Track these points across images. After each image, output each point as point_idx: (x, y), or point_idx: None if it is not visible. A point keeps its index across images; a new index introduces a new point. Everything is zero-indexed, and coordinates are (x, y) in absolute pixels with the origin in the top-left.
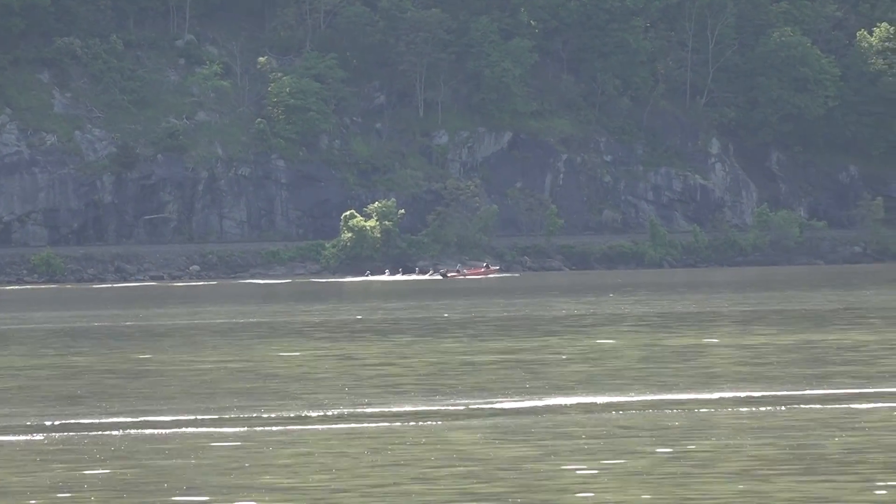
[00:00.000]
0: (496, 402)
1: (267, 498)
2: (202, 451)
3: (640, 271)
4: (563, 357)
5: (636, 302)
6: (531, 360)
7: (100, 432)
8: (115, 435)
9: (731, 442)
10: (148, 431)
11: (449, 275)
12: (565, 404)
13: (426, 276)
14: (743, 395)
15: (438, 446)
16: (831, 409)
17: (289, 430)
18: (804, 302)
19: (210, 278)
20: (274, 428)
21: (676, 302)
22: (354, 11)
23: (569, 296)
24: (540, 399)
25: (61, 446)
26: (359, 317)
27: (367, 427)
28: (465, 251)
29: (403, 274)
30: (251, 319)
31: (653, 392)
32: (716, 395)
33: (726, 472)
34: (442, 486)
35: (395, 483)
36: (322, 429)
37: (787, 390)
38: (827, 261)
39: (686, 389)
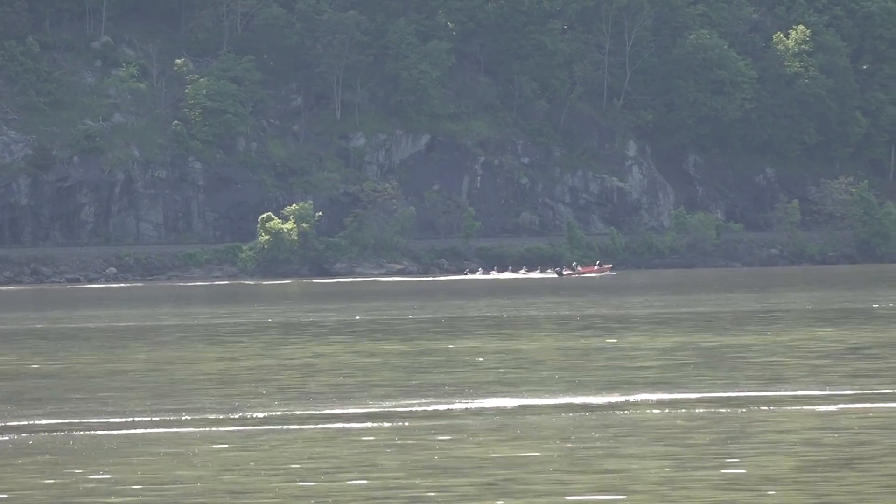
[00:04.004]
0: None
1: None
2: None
3: None
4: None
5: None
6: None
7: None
8: (41, 437)
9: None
10: (62, 434)
11: (565, 273)
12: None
13: (540, 275)
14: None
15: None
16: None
17: (209, 431)
18: (719, 305)
19: (127, 280)
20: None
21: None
22: (271, 13)
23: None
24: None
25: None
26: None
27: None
28: (382, 253)
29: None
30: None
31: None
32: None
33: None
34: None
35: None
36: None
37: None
38: (744, 263)
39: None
